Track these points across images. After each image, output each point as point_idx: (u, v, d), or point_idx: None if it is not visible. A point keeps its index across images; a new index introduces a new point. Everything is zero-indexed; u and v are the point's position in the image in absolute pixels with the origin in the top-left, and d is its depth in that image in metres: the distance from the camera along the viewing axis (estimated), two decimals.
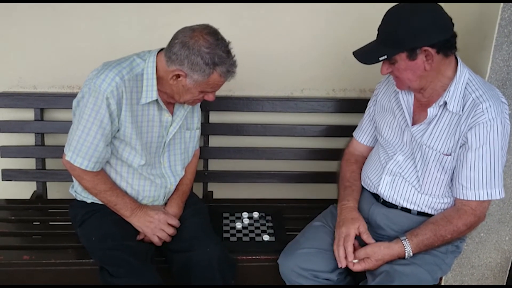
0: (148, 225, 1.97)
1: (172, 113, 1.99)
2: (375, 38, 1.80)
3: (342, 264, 1.85)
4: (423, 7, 1.70)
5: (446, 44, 1.72)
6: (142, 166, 1.97)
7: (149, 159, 1.98)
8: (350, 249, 1.85)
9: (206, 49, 1.74)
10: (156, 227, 1.97)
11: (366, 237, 1.88)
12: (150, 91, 1.86)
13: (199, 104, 2.10)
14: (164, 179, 2.05)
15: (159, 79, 1.86)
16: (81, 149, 1.85)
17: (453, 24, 1.73)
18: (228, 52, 1.80)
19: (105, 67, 1.84)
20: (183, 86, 1.82)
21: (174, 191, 2.10)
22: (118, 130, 1.88)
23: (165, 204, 2.09)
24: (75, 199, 2.10)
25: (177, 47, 1.77)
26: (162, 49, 1.88)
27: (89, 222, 1.99)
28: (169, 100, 1.94)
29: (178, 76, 1.80)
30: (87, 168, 1.88)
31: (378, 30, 1.78)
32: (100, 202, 2.01)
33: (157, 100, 1.89)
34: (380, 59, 1.74)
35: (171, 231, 1.99)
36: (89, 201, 2.04)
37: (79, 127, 1.84)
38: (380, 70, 1.82)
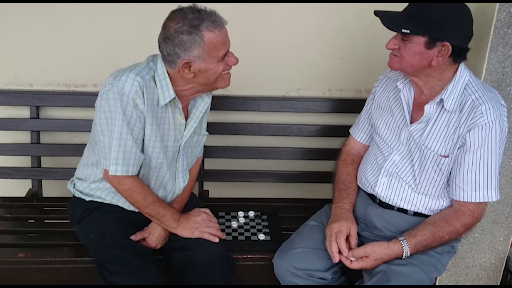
0: (196, 228, 1.97)
1: (186, 116, 1.97)
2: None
3: (335, 259, 1.85)
4: (463, 7, 1.73)
5: (461, 52, 1.75)
6: (159, 168, 1.95)
7: (166, 163, 1.96)
8: (343, 243, 1.85)
9: (177, 24, 1.72)
10: (202, 227, 1.98)
11: (354, 241, 1.88)
12: (167, 90, 1.83)
13: (208, 110, 2.09)
14: (175, 184, 2.04)
15: (172, 81, 1.84)
16: (124, 157, 1.82)
17: (472, 37, 1.75)
18: (198, 11, 1.75)
19: (122, 70, 1.81)
20: (200, 71, 1.79)
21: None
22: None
23: None
24: (73, 196, 2.09)
25: (163, 47, 1.77)
26: None
27: (88, 220, 1.99)
28: (192, 96, 1.92)
29: (189, 67, 1.78)
30: (133, 173, 1.85)
31: (408, 4, 1.76)
32: (98, 200, 2.01)
33: (174, 100, 1.87)
34: (403, 30, 1.71)
35: (213, 229, 1.99)
36: (87, 199, 2.03)
37: (114, 135, 1.79)
38: (387, 43, 1.79)
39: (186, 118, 1.98)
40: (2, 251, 2.05)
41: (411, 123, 1.90)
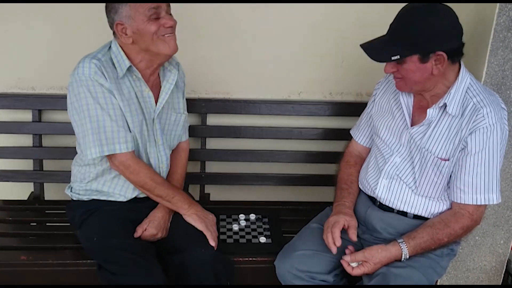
0: (204, 220, 2.00)
1: (158, 91, 2.03)
2: (372, 41, 1.79)
3: (332, 250, 1.85)
4: (442, 11, 1.70)
5: (457, 51, 1.74)
6: (144, 143, 1.99)
7: (147, 136, 2.00)
8: (337, 233, 1.86)
9: None
10: (209, 224, 2.01)
11: (352, 232, 1.88)
12: (122, 62, 1.91)
13: (182, 86, 2.16)
14: (157, 158, 2.06)
15: (127, 56, 1.92)
16: (106, 137, 1.86)
17: (463, 32, 1.74)
18: None
19: (77, 63, 1.90)
20: (135, 33, 1.86)
21: None
22: None
23: None
24: (71, 200, 2.11)
25: (108, 22, 1.91)
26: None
27: (88, 223, 1.99)
28: (149, 69, 1.97)
29: (125, 31, 1.87)
30: (121, 150, 1.88)
31: (390, 26, 1.76)
32: (96, 197, 2.02)
33: (133, 72, 1.93)
34: (393, 58, 1.72)
35: (214, 234, 2.01)
36: (85, 198, 2.04)
37: (90, 119, 1.85)
38: (384, 68, 1.80)
39: (158, 92, 2.03)
40: (4, 254, 2.05)
41: (412, 125, 1.91)
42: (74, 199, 2.09)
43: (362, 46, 1.79)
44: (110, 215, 1.99)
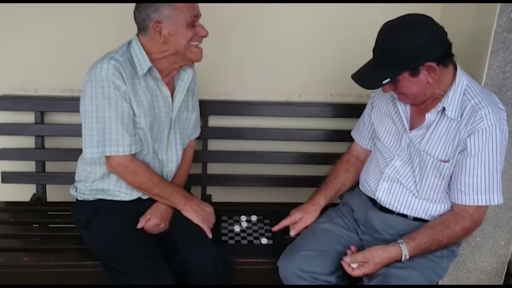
0: (201, 214, 2.04)
1: (173, 90, 2.04)
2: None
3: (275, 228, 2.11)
4: (418, 23, 1.70)
5: (444, 55, 1.74)
6: (154, 142, 2.01)
7: (161, 136, 2.03)
8: (281, 225, 2.09)
9: None
10: (206, 218, 2.05)
11: (293, 230, 2.06)
12: (143, 62, 1.92)
13: (194, 85, 2.17)
14: (168, 158, 2.08)
15: (148, 54, 1.93)
16: (111, 139, 1.87)
17: (446, 33, 1.74)
18: None
19: (95, 62, 1.90)
20: (170, 35, 1.88)
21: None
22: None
23: None
24: (76, 201, 2.11)
25: (137, 15, 1.91)
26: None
27: (94, 223, 2.00)
28: (166, 72, 1.99)
29: (160, 30, 1.87)
30: (124, 152, 1.89)
31: (373, 51, 1.78)
32: (100, 196, 2.03)
33: (153, 72, 1.94)
34: (384, 82, 1.74)
35: (211, 225, 2.07)
36: (91, 198, 2.05)
37: (98, 120, 1.86)
38: (382, 89, 1.83)
39: (173, 92, 2.04)
40: (6, 255, 2.05)
41: (411, 128, 1.91)
42: (79, 199, 2.09)
43: (353, 77, 1.82)
44: (116, 216, 2.00)
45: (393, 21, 1.74)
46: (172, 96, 2.03)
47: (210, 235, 2.03)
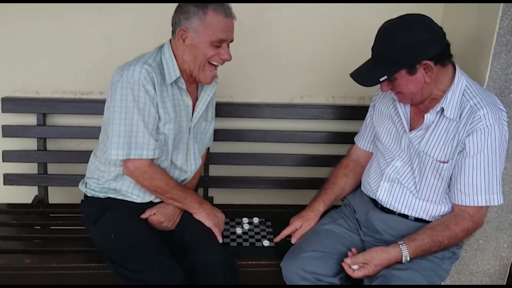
0: (214, 218, 2.06)
1: (196, 99, 2.05)
2: (359, 68, 1.82)
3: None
4: (416, 22, 1.72)
5: (442, 55, 1.75)
6: (174, 149, 2.02)
7: (180, 144, 2.04)
8: (282, 235, 2.11)
9: None
10: (218, 222, 2.07)
11: (295, 237, 2.08)
12: (173, 70, 1.92)
13: (215, 97, 2.17)
14: (187, 166, 2.09)
15: (177, 59, 1.93)
16: (136, 141, 1.88)
17: (445, 34, 1.76)
18: None
19: (127, 63, 1.89)
20: (192, 45, 1.88)
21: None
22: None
23: None
24: (84, 196, 2.11)
25: (173, 17, 1.90)
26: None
27: (104, 220, 2.00)
28: (190, 80, 1.99)
29: (184, 37, 1.87)
30: (148, 156, 1.90)
31: (372, 50, 1.80)
32: (112, 195, 2.03)
33: (179, 82, 1.94)
34: (381, 80, 1.75)
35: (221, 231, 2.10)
36: (101, 195, 2.05)
37: (126, 122, 1.86)
38: (380, 88, 1.84)
39: (195, 102, 2.05)
40: (8, 257, 2.05)
41: (411, 130, 1.92)
42: (88, 195, 2.09)
43: (351, 75, 1.84)
44: (127, 213, 2.00)
45: (392, 20, 1.77)
46: (193, 106, 2.04)
47: (220, 240, 2.05)
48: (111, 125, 1.88)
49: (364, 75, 1.81)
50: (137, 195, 2.05)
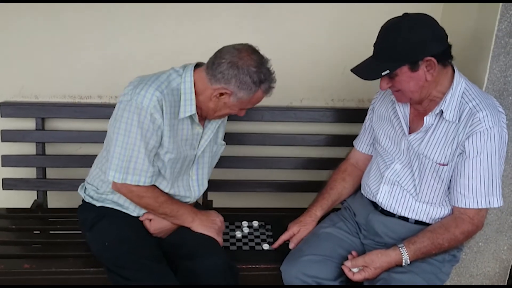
0: (212, 226, 2.04)
1: (203, 126, 2.01)
2: (361, 63, 1.82)
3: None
4: (420, 20, 1.73)
5: (444, 54, 1.75)
6: (174, 177, 1.99)
7: (181, 171, 2.01)
8: (280, 240, 2.11)
9: (254, 68, 1.80)
10: (219, 229, 2.06)
11: (293, 242, 2.07)
12: (189, 105, 1.87)
13: (226, 119, 2.14)
14: (190, 192, 2.07)
15: (195, 94, 1.88)
16: (135, 167, 1.85)
17: (447, 35, 1.76)
18: (269, 70, 1.86)
19: (142, 82, 1.84)
20: (224, 104, 1.86)
21: None
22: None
23: None
24: (82, 202, 2.10)
25: (224, 67, 1.79)
26: (196, 65, 1.91)
27: (100, 226, 1.99)
28: (200, 114, 1.95)
29: (221, 94, 1.83)
30: (145, 183, 1.88)
31: (374, 46, 1.80)
32: (108, 205, 2.02)
33: (193, 116, 1.91)
34: (383, 74, 1.75)
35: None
36: (98, 204, 2.04)
37: (127, 146, 1.82)
38: (379, 86, 1.83)
39: (204, 126, 2.03)
40: (7, 262, 2.05)
41: (410, 132, 1.92)
42: (86, 201, 2.08)
43: (353, 70, 1.83)
44: (122, 221, 2.00)
45: (395, 18, 1.77)
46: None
47: (222, 245, 2.05)
48: (113, 146, 1.85)
49: (366, 70, 1.80)
50: (133, 210, 2.03)
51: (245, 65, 1.79)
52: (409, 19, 1.74)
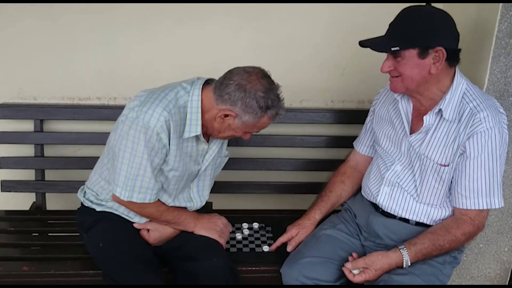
0: (214, 228, 2.04)
1: (207, 141, 1.99)
2: (373, 51, 1.80)
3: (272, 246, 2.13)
4: (441, 13, 1.75)
5: (454, 53, 1.76)
6: (176, 191, 1.99)
7: (183, 186, 2.00)
8: (278, 243, 2.10)
9: (262, 93, 1.77)
10: (222, 231, 2.06)
11: (290, 245, 2.06)
12: (195, 125, 1.85)
13: None
14: (191, 203, 2.06)
15: (202, 112, 1.85)
16: (141, 186, 1.84)
17: (459, 38, 1.77)
18: (278, 96, 1.84)
19: (150, 99, 1.80)
20: (229, 125, 1.84)
21: None
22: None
23: None
24: (81, 205, 2.09)
25: (231, 88, 1.77)
26: (206, 81, 1.88)
27: (96, 229, 1.99)
28: (205, 131, 1.94)
29: (226, 115, 1.81)
30: (150, 200, 1.88)
31: (390, 25, 1.79)
32: (108, 210, 2.01)
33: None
34: (393, 49, 1.73)
35: (226, 238, 2.10)
36: (98, 209, 2.03)
37: (133, 165, 1.80)
38: (381, 67, 1.81)
39: (209, 143, 2.00)
40: (6, 264, 2.04)
41: (411, 133, 1.91)
42: (85, 205, 2.07)
43: (361, 42, 1.81)
44: (119, 224, 1.99)
45: (418, 5, 1.78)
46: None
47: (224, 247, 2.05)
48: (119, 163, 1.83)
49: (377, 42, 1.79)
50: (133, 216, 2.02)
51: (252, 89, 1.77)
52: (432, 8, 1.75)
